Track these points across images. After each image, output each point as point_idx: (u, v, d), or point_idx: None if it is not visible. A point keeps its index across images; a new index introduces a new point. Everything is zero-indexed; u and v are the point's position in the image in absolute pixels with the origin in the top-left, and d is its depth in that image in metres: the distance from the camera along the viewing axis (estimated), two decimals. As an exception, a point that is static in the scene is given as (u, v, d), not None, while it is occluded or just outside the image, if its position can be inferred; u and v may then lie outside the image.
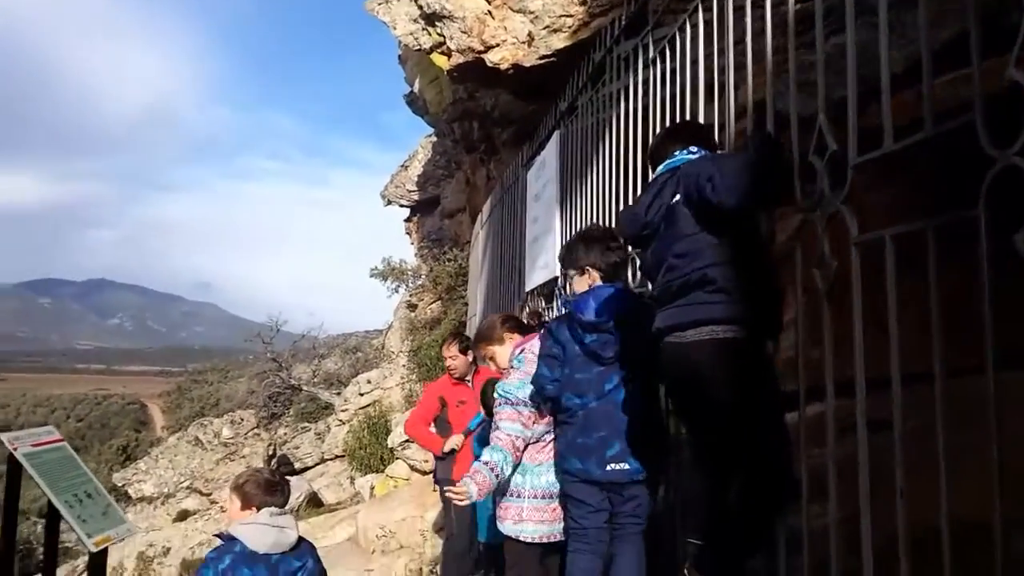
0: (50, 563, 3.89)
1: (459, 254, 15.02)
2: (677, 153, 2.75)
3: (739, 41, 3.08)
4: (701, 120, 3.18)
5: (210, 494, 14.74)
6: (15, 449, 3.49)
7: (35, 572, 16.67)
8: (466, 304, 13.58)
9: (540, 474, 3.33)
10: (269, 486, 3.51)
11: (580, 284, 3.18)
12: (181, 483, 16.25)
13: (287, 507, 3.57)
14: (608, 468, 2.99)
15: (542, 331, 3.29)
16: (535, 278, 6.15)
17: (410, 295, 19.56)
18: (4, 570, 3.77)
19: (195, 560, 11.40)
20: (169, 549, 12.06)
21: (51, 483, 3.48)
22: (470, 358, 5.65)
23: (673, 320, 2.54)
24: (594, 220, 4.50)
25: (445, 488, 4.01)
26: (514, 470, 3.31)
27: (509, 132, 11.25)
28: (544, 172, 5.86)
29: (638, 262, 3.66)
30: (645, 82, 3.55)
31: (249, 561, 3.27)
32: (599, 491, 3.06)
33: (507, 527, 3.36)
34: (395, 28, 8.87)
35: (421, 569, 7.87)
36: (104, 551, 3.65)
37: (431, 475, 9.42)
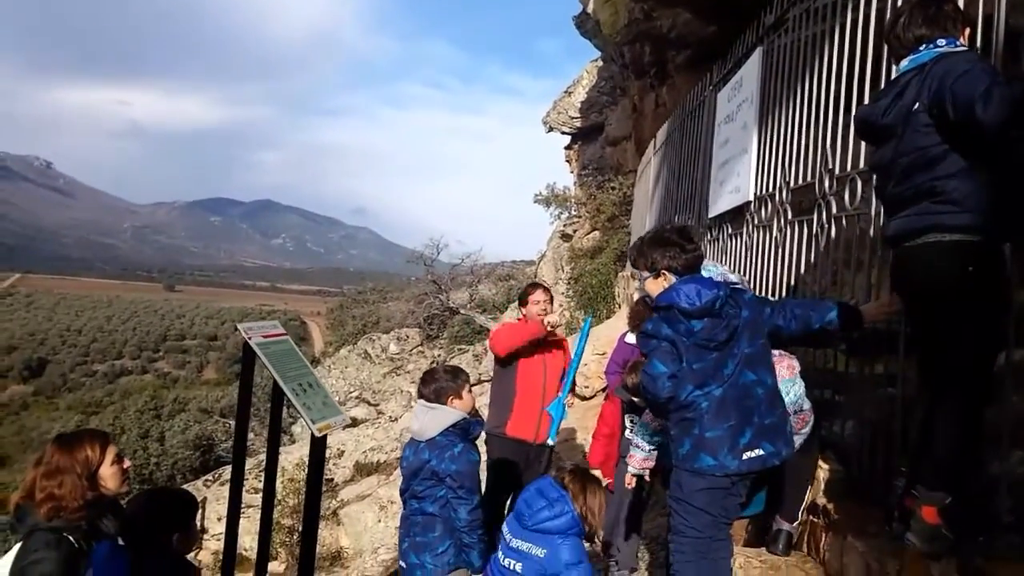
0: (273, 447, 4.23)
1: (623, 182, 14.80)
2: (923, 47, 2.57)
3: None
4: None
5: (377, 404, 15.65)
6: (250, 338, 3.81)
7: (216, 467, 18.39)
8: (629, 234, 13.46)
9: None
10: (423, 376, 3.91)
11: (654, 286, 2.99)
12: (351, 393, 17.37)
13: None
14: (744, 457, 2.79)
15: (638, 336, 3.09)
16: (722, 203, 5.96)
17: (564, 225, 19.70)
18: (239, 444, 4.15)
19: (367, 463, 12.22)
20: (343, 452, 12.96)
21: (280, 372, 3.79)
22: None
23: (903, 227, 2.58)
24: (805, 138, 4.27)
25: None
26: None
27: (684, 56, 10.84)
28: (740, 92, 5.60)
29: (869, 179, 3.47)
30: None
31: (413, 442, 3.74)
32: (727, 490, 2.85)
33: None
34: (578, -55, 8.66)
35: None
36: (324, 437, 3.94)
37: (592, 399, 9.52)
